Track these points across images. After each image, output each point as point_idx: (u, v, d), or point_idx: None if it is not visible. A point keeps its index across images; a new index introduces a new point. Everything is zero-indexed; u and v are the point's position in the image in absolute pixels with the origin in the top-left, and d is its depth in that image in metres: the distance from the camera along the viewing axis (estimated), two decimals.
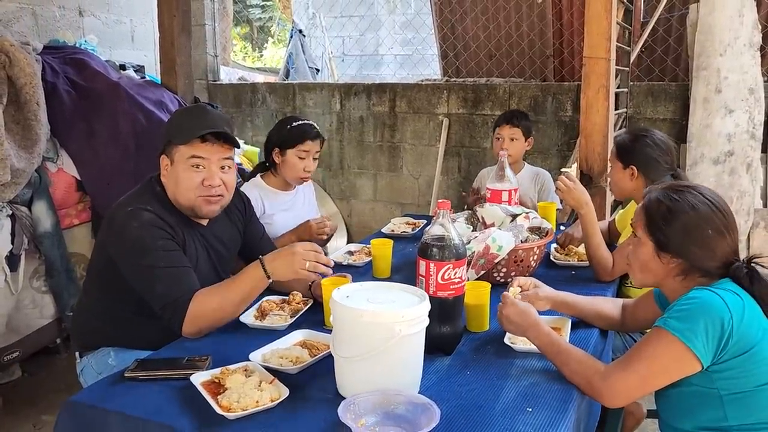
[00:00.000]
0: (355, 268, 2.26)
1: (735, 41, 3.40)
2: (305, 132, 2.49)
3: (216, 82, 5.10)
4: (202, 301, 1.59)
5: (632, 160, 2.22)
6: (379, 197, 4.75)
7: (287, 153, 2.50)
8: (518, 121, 3.09)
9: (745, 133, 3.42)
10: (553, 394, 1.35)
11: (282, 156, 2.51)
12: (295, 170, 2.51)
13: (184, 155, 1.71)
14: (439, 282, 1.48)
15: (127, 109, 3.20)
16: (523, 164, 3.21)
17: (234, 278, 1.65)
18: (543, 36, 4.42)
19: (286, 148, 2.49)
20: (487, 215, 2.21)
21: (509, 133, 3.08)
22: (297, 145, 2.48)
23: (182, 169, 1.71)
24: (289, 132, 2.50)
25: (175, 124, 1.76)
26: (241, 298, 1.62)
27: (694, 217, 1.35)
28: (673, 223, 1.37)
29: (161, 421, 1.24)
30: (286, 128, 2.51)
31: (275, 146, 2.52)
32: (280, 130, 2.53)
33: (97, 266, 1.82)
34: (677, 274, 1.39)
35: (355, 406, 1.20)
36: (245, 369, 1.40)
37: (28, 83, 2.85)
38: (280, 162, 2.52)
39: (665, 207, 1.38)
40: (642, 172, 2.20)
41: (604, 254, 2.09)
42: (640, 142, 2.22)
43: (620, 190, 2.33)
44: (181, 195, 1.73)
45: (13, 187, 2.70)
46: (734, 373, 1.27)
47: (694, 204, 1.36)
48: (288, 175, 2.55)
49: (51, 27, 3.85)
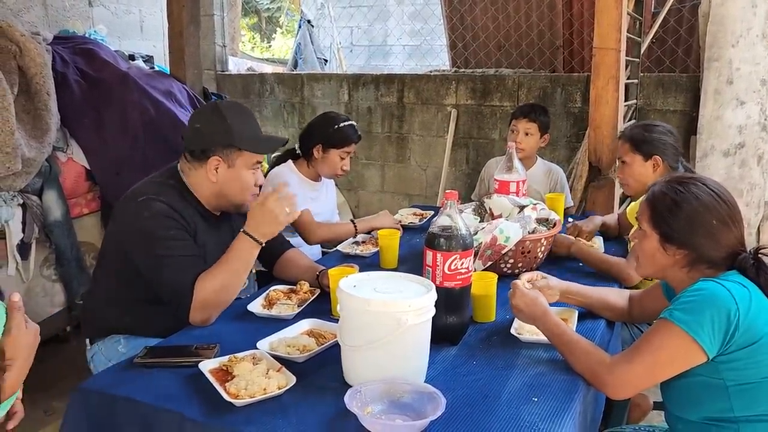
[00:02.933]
0: (362, 258, 2.27)
1: (747, 32, 3.36)
2: (351, 135, 2.56)
3: (224, 73, 5.11)
4: (203, 286, 1.61)
5: (654, 150, 2.20)
6: (386, 188, 4.75)
7: (330, 151, 2.55)
8: (536, 116, 2.99)
9: (757, 125, 3.39)
10: (558, 384, 1.35)
11: (324, 153, 2.55)
12: (334, 168, 2.58)
13: (250, 161, 1.79)
14: (445, 272, 1.48)
15: (136, 99, 3.21)
16: (536, 159, 3.11)
17: (225, 255, 1.67)
18: (553, 26, 4.39)
19: (330, 147, 2.54)
20: (495, 206, 2.20)
21: (525, 128, 2.98)
22: (342, 147, 2.54)
23: (244, 173, 1.78)
24: (336, 132, 2.53)
25: (238, 130, 1.75)
26: (237, 270, 1.66)
27: (698, 208, 1.35)
28: (678, 215, 1.37)
29: (170, 407, 1.25)
30: (333, 127, 2.54)
31: (319, 142, 2.54)
32: (326, 128, 2.55)
33: (107, 254, 1.84)
34: (683, 266, 1.39)
35: (362, 394, 1.21)
36: (253, 357, 1.41)
37: (38, 73, 2.87)
38: (320, 158, 2.56)
39: (670, 199, 1.38)
40: (666, 162, 2.20)
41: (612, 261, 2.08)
42: (655, 131, 2.22)
43: (640, 185, 2.24)
44: (236, 195, 1.80)
45: (24, 176, 2.72)
46: (741, 364, 1.27)
47: (698, 195, 1.36)
48: (325, 171, 2.61)
49: (61, 17, 3.87)
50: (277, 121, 4.98)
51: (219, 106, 1.82)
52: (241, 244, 1.66)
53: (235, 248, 1.67)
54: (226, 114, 1.75)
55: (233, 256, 1.66)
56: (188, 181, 1.79)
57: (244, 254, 1.66)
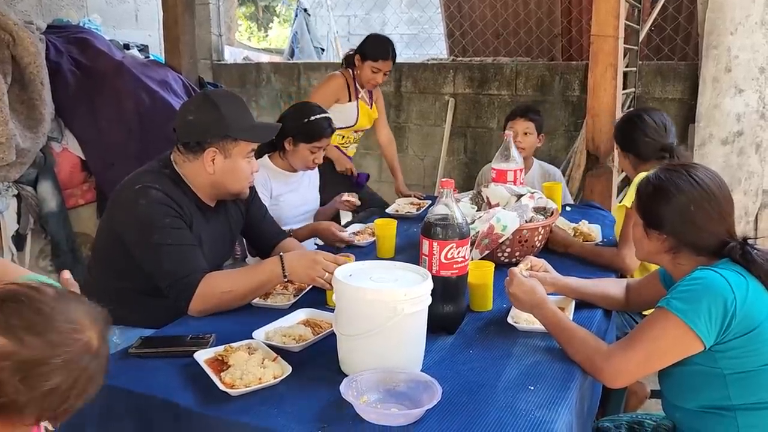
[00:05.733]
0: (359, 248, 2.26)
1: (746, 19, 3.34)
2: (322, 129, 2.45)
3: (220, 62, 5.07)
4: (213, 282, 1.62)
5: (627, 146, 2.26)
6: (384, 178, 4.73)
7: (300, 145, 2.45)
8: (533, 115, 2.99)
9: (755, 113, 3.38)
10: (555, 372, 1.35)
11: (294, 146, 2.46)
12: (306, 162, 2.49)
13: (245, 150, 1.76)
14: (442, 261, 1.47)
15: (131, 89, 3.19)
16: (533, 161, 3.08)
17: (251, 267, 1.69)
18: (551, 14, 4.36)
19: (300, 141, 2.44)
20: (492, 195, 2.19)
21: (523, 127, 2.96)
22: (312, 141, 2.44)
23: (240, 162, 1.76)
24: (306, 126, 2.43)
25: (233, 120, 1.73)
26: (252, 288, 1.65)
27: (676, 194, 1.37)
28: (657, 201, 1.39)
29: (165, 397, 1.25)
30: (302, 121, 2.43)
31: (289, 135, 2.45)
32: (297, 121, 2.45)
33: (102, 244, 1.83)
34: (666, 251, 1.41)
35: (357, 383, 1.21)
36: (249, 347, 1.40)
37: (32, 63, 2.84)
38: (290, 150, 2.48)
39: (652, 186, 1.42)
40: (637, 156, 2.23)
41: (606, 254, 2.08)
42: (629, 125, 2.26)
43: (631, 174, 2.35)
44: (234, 184, 1.78)
45: (18, 167, 2.71)
46: (738, 353, 1.27)
47: (677, 183, 1.38)
48: (297, 164, 2.52)
49: (55, 6, 3.83)
50: (274, 110, 4.95)
51: (210, 95, 1.79)
52: (269, 266, 1.65)
53: (262, 266, 1.67)
54: (219, 103, 1.72)
55: (255, 271, 1.67)
56: (182, 171, 1.77)
57: (265, 276, 1.65)
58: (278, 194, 2.52)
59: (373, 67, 3.09)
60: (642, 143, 2.21)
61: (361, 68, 3.10)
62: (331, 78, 3.17)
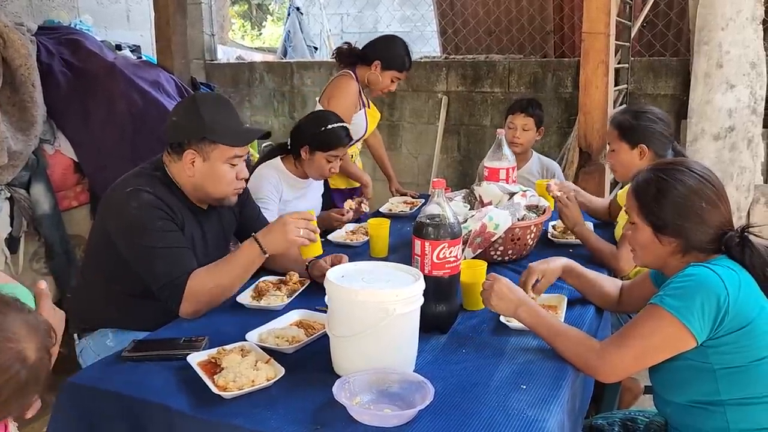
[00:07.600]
0: (353, 247, 2.26)
1: (737, 15, 3.35)
2: (340, 139, 2.41)
3: (213, 62, 5.06)
4: (199, 280, 1.61)
5: (640, 139, 2.14)
6: (378, 176, 4.73)
7: (316, 154, 2.41)
8: (533, 110, 2.97)
9: (747, 109, 3.39)
10: (547, 371, 1.36)
11: (310, 155, 2.42)
12: (321, 171, 2.46)
13: (225, 155, 1.72)
14: (434, 261, 1.48)
15: (124, 90, 3.17)
16: (532, 153, 3.07)
17: (230, 256, 1.68)
18: (543, 11, 4.36)
19: (317, 150, 2.40)
20: (485, 193, 2.20)
21: (522, 123, 2.95)
22: (329, 151, 2.40)
23: (220, 166, 1.73)
24: (324, 135, 2.39)
25: (212, 122, 1.71)
26: (237, 274, 1.66)
27: (685, 193, 1.34)
28: (665, 203, 1.36)
29: (158, 400, 1.25)
30: (320, 129, 2.40)
31: (306, 143, 2.41)
32: (314, 129, 2.41)
33: (94, 247, 1.82)
34: (678, 253, 1.38)
35: (350, 384, 1.21)
36: (241, 349, 1.40)
37: (23, 65, 2.83)
38: (307, 159, 2.43)
39: (654, 188, 1.38)
40: (651, 149, 2.16)
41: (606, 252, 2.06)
42: (643, 118, 2.16)
43: (628, 172, 2.19)
44: (215, 189, 1.76)
45: (11, 169, 2.70)
46: (729, 349, 1.28)
47: (683, 180, 1.35)
48: (312, 173, 2.48)
49: (45, 7, 3.81)
50: (267, 110, 4.95)
51: (196, 98, 1.79)
52: (247, 249, 1.65)
53: (240, 251, 1.67)
54: (200, 106, 1.72)
55: (235, 258, 1.66)
56: (171, 173, 1.77)
57: (246, 259, 1.65)
58: (287, 199, 2.48)
59: (396, 77, 2.91)
60: (660, 136, 2.12)
61: (381, 75, 2.87)
62: (348, 83, 2.88)
